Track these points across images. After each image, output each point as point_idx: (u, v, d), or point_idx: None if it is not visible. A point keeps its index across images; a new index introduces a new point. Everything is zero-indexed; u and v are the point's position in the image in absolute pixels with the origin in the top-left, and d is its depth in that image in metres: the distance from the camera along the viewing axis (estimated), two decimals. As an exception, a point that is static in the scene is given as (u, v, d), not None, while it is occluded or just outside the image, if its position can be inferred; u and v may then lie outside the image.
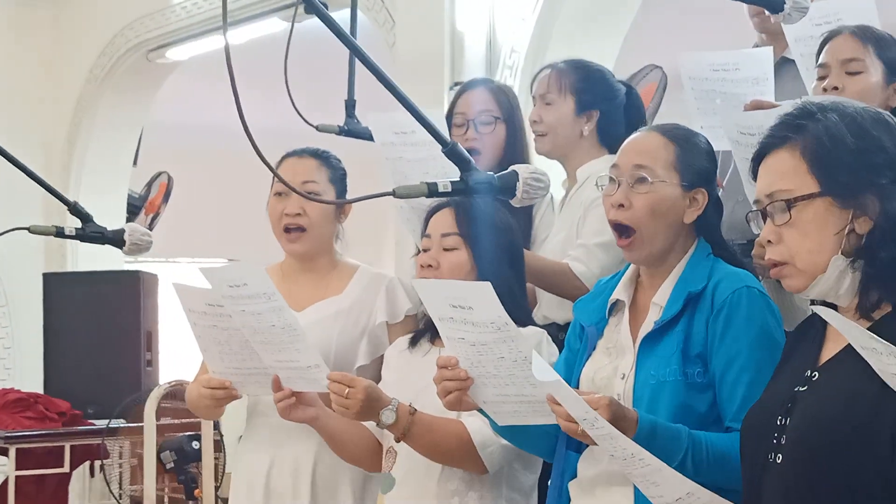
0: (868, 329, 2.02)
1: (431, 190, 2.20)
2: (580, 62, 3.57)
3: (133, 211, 9.06)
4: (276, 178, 3.37)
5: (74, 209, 3.27)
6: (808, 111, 2.14)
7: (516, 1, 5.66)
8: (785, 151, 2.13)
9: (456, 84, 5.64)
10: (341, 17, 6.23)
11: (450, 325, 2.55)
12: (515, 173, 2.29)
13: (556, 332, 3.36)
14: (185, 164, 10.58)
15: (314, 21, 2.19)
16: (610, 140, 3.46)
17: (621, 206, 2.62)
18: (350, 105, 3.55)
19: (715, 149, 3.48)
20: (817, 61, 3.04)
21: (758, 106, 3.17)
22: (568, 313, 3.38)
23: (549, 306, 3.44)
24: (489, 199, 2.80)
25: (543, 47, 5.57)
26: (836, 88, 2.94)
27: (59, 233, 3.29)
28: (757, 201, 2.16)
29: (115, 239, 3.28)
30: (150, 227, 9.08)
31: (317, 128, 3.49)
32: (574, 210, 3.42)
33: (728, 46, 3.66)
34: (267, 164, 2.21)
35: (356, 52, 2.25)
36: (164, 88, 8.63)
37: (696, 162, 2.65)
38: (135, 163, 8.83)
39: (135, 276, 6.79)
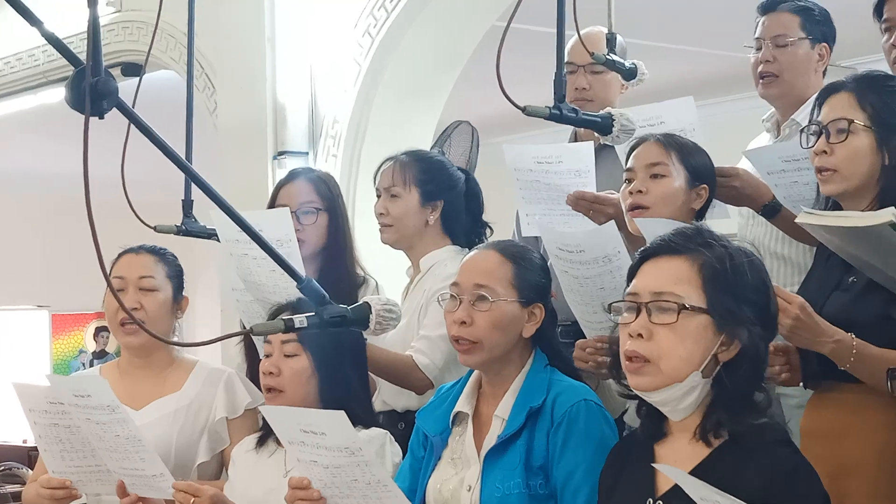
0: (706, 459, 2.16)
1: (288, 326, 2.25)
2: (420, 153, 3.66)
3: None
4: (112, 272, 3.40)
5: None
6: (704, 235, 2.26)
7: (337, 71, 5.71)
8: (682, 260, 2.22)
9: (280, 154, 5.69)
10: (165, 76, 6.23)
11: (301, 448, 2.60)
12: (368, 305, 2.35)
13: (396, 420, 3.44)
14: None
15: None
16: (453, 227, 3.58)
17: (463, 322, 2.73)
18: (187, 204, 3.54)
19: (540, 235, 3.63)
20: (625, 166, 3.17)
21: (580, 197, 3.30)
22: (407, 401, 3.47)
23: (389, 393, 3.50)
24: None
25: (366, 116, 5.63)
26: (640, 192, 3.06)
27: None
28: (634, 294, 2.23)
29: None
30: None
31: (154, 228, 3.48)
32: (417, 298, 3.51)
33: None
34: (106, 277, 2.01)
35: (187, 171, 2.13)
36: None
37: (532, 278, 2.77)
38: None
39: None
